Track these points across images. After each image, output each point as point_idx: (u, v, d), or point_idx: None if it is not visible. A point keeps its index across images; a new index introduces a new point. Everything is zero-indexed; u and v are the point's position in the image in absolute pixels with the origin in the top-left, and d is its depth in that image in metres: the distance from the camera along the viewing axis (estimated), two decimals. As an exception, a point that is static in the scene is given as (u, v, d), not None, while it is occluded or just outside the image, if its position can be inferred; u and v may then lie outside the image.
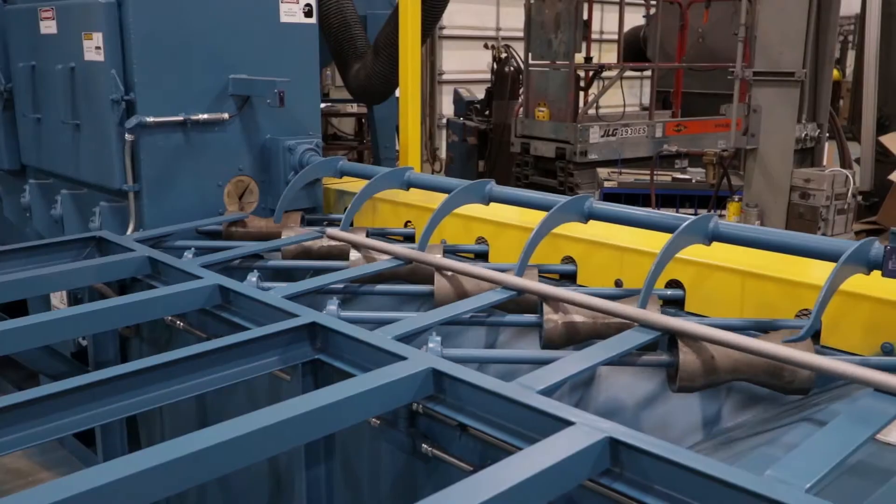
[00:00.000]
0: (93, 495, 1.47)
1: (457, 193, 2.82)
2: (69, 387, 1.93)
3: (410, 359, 1.96)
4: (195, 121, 3.44)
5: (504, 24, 15.87)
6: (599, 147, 9.30)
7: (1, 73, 4.15)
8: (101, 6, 3.26)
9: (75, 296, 3.59)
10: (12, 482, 4.45)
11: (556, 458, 1.50)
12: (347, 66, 5.51)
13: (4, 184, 4.52)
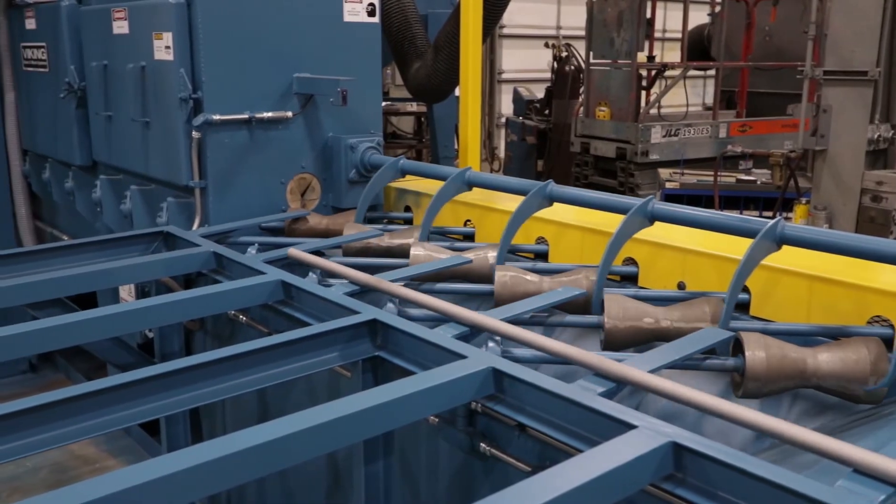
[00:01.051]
0: (158, 485, 1.50)
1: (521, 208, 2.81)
2: (136, 378, 1.98)
3: (471, 357, 1.96)
4: (260, 119, 3.50)
5: (565, 22, 15.74)
6: (661, 147, 9.17)
7: (75, 72, 4.28)
8: (171, 6, 3.34)
9: (143, 289, 3.68)
10: (80, 468, 4.59)
11: (618, 462, 1.48)
12: (407, 65, 5.53)
13: (77, 179, 4.66)
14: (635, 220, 2.51)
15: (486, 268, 2.81)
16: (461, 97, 4.52)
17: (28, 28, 4.85)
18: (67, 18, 4.29)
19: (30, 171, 5.41)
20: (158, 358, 3.42)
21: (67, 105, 4.40)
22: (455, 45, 4.59)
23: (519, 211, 2.83)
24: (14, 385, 5.63)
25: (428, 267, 2.78)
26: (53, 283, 2.79)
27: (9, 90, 5.31)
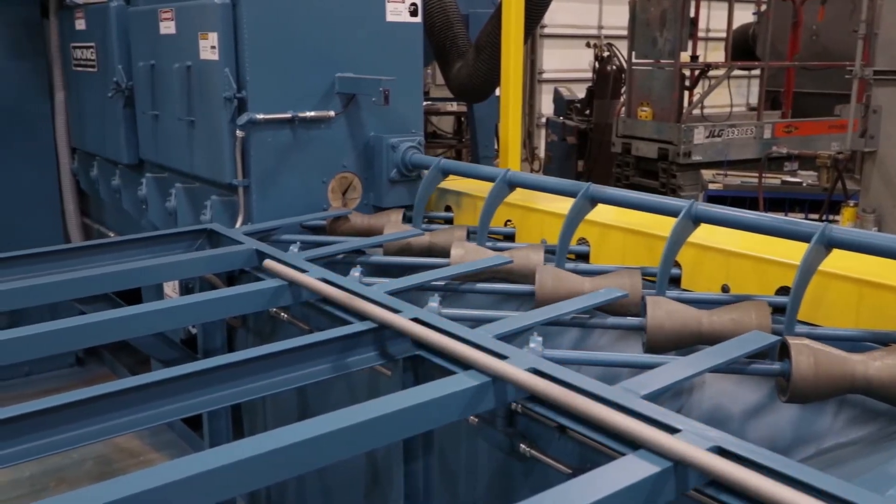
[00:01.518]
0: (200, 480, 1.52)
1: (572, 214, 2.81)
2: (179, 374, 2.01)
3: (512, 358, 1.95)
4: (302, 118, 3.53)
5: (606, 22, 15.64)
6: (704, 148, 9.05)
7: (123, 72, 4.36)
8: (217, 7, 3.38)
9: (186, 285, 3.73)
10: (125, 461, 4.67)
11: (661, 466, 1.46)
12: (449, 65, 5.53)
13: (124, 177, 4.74)
14: (681, 223, 2.48)
15: (528, 268, 2.79)
16: (502, 97, 4.52)
17: (78, 29, 4.95)
18: (116, 19, 4.36)
19: (78, 168, 5.52)
20: (201, 354, 3.47)
21: (115, 104, 4.48)
22: (496, 44, 4.58)
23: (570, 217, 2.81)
24: (61, 378, 5.75)
25: (469, 266, 2.78)
26: (100, 278, 2.84)
27: (59, 89, 5.42)
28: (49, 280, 2.77)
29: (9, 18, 5.34)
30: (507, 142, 4.49)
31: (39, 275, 2.92)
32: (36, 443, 1.83)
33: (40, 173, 5.59)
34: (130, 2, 4.35)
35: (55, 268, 3.03)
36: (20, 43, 5.40)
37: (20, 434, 1.80)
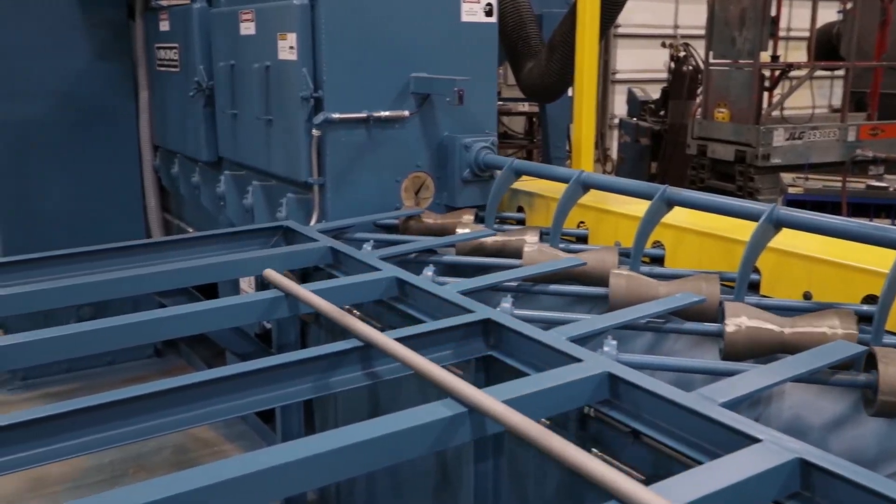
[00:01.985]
0: (272, 473, 1.54)
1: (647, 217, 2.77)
2: (253, 368, 2.04)
3: (586, 361, 1.93)
4: (377, 118, 3.56)
5: (683, 21, 15.36)
6: (784, 151, 8.80)
7: (204, 72, 4.47)
8: (296, 8, 3.44)
9: (261, 281, 3.80)
10: (199, 450, 4.80)
11: (740, 476, 1.42)
12: (521, 65, 5.51)
13: (203, 174, 4.87)
14: (762, 227, 2.41)
15: (602, 270, 2.76)
16: (575, 98, 4.47)
17: (162, 30, 5.10)
18: (198, 20, 4.48)
19: (160, 165, 5.69)
20: (275, 348, 3.53)
21: (196, 103, 4.60)
22: (570, 44, 4.54)
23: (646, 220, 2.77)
24: (140, 368, 5.93)
25: (542, 268, 2.76)
26: (180, 273, 2.91)
27: (143, 89, 5.60)
28: (131, 273, 2.85)
29: (97, 20, 5.54)
30: (580, 143, 4.45)
31: (122, 268, 3.01)
32: (117, 431, 1.88)
33: (124, 170, 5.79)
34: (213, 3, 4.46)
35: (137, 262, 3.12)
36: (108, 44, 5.60)
37: (103, 422, 1.86)
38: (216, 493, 1.48)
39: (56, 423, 1.81)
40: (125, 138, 5.76)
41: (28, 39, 5.36)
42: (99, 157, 5.70)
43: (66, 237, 5.47)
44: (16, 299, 2.62)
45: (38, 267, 2.91)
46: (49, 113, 5.52)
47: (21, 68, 5.38)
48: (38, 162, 5.54)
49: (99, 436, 1.86)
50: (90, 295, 2.82)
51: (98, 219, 5.73)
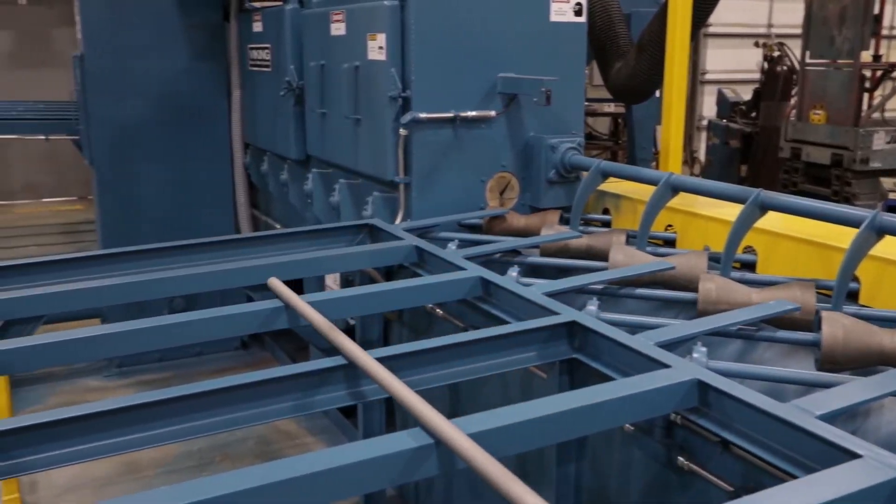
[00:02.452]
0: (354, 469, 1.56)
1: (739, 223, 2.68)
2: (337, 364, 2.06)
3: (674, 367, 1.89)
4: (464, 117, 3.56)
5: (777, 20, 14.88)
6: (884, 154, 8.43)
7: (295, 72, 4.57)
8: (386, 8, 3.48)
9: (347, 278, 3.86)
10: (282, 442, 4.90)
11: (838, 493, 1.37)
12: (609, 65, 5.44)
13: (291, 172, 4.97)
14: (863, 234, 2.32)
15: (690, 275, 2.70)
16: (665, 98, 4.39)
17: (255, 31, 5.23)
18: (290, 21, 4.58)
19: (250, 163, 5.84)
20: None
21: (286, 102, 4.70)
22: (660, 44, 4.46)
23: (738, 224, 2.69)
24: (227, 360, 6.11)
25: (629, 271, 2.72)
26: (268, 268, 2.97)
27: (235, 88, 5.76)
28: (221, 268, 2.93)
29: (194, 22, 5.73)
30: (668, 144, 4.36)
31: (213, 262, 3.09)
32: (205, 421, 1.92)
33: (216, 167, 5.97)
34: (304, 4, 4.54)
35: (227, 256, 3.19)
36: (204, 45, 5.79)
37: (192, 412, 1.90)
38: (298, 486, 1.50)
39: (149, 411, 1.86)
40: (218, 136, 5.94)
41: (131, 41, 5.59)
42: (193, 155, 5.89)
43: (160, 231, 5.70)
44: (113, 290, 2.72)
45: (134, 260, 3.01)
46: (148, 111, 5.74)
47: (124, 69, 5.61)
48: (137, 158, 5.76)
49: (188, 425, 1.90)
50: (182, 287, 2.91)
51: (190, 214, 5.93)
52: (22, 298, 2.53)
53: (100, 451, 1.83)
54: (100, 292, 2.70)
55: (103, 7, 5.52)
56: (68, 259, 2.92)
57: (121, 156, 5.73)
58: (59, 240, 9.35)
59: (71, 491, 4.36)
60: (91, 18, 5.53)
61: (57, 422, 1.76)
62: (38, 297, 2.57)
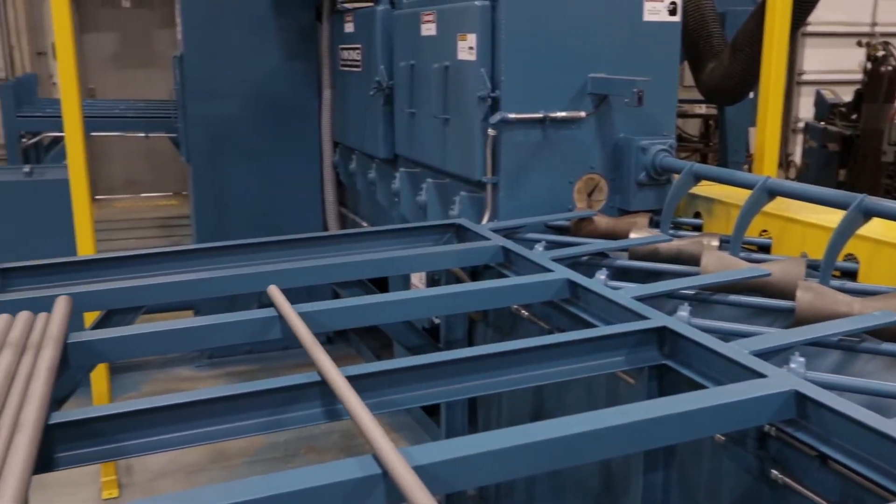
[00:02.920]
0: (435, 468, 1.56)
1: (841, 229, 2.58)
2: (421, 363, 2.07)
3: (770, 377, 1.83)
4: (553, 118, 3.53)
5: (882, 17, 14.26)
6: None
7: (385, 72, 4.61)
8: (477, 9, 3.48)
9: (432, 277, 3.88)
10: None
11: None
12: (701, 66, 5.32)
13: (379, 171, 5.03)
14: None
15: (787, 283, 2.61)
16: (760, 100, 4.26)
17: (346, 31, 5.32)
18: (381, 22, 4.63)
19: (339, 161, 5.93)
20: (443, 344, 3.59)
21: (375, 102, 4.75)
22: (756, 44, 4.33)
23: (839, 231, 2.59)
24: (312, 355, 6.21)
25: (722, 277, 2.64)
26: (356, 265, 3.01)
27: (326, 88, 5.87)
28: (309, 264, 2.97)
29: (287, 23, 5.87)
30: (764, 147, 4.23)
31: (301, 259, 3.14)
32: (290, 415, 1.95)
33: (306, 165, 6.10)
34: (395, 5, 4.59)
35: (315, 253, 3.24)
36: (296, 45, 5.92)
37: (278, 405, 1.94)
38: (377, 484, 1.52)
39: (237, 403, 1.90)
40: (308, 135, 6.06)
41: (228, 42, 5.76)
42: (283, 153, 6.03)
43: (251, 226, 5.86)
44: (205, 284, 2.80)
45: (227, 254, 3.09)
46: (241, 110, 5.90)
47: (221, 69, 5.79)
48: (230, 156, 5.94)
49: (274, 417, 1.94)
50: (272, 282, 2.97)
51: (280, 210, 6.07)
52: (123, 289, 2.63)
53: (191, 440, 1.88)
54: (194, 285, 2.79)
55: (202, 9, 5.70)
56: (165, 252, 3.02)
57: (215, 153, 5.91)
58: (155, 233, 9.71)
59: (164, 476, 4.52)
60: (191, 20, 5.72)
61: (152, 409, 1.82)
62: (138, 288, 2.67)
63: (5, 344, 2.01)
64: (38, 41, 11.46)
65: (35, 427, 1.61)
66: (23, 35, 11.17)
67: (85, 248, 4.08)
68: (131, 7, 11.71)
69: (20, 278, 2.70)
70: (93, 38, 11.42)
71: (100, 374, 4.22)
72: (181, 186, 11.84)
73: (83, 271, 2.84)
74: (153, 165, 12.06)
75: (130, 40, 11.76)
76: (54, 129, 8.06)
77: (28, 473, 1.46)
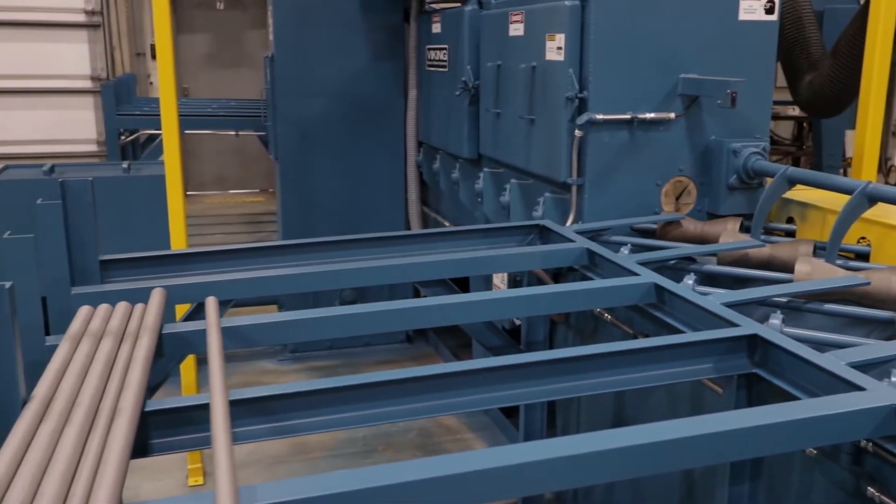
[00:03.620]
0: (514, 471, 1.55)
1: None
2: (501, 364, 2.06)
3: (869, 390, 1.75)
4: (641, 119, 3.47)
5: None
6: None
7: (471, 72, 4.62)
8: (566, 8, 3.44)
9: (514, 278, 3.86)
10: (442, 436, 4.98)
11: None
12: (798, 75, 5.10)
13: (462, 171, 5.04)
14: None
15: (887, 292, 2.49)
16: (861, 101, 4.10)
17: (433, 32, 5.34)
18: (469, 22, 4.64)
19: (422, 161, 5.97)
20: (524, 345, 3.57)
21: (461, 102, 4.76)
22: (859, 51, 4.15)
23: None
24: (392, 352, 6.28)
25: (816, 284, 2.55)
26: (438, 265, 3.02)
27: (412, 87, 5.91)
28: (392, 262, 2.99)
29: (376, 23, 5.94)
30: (863, 151, 4.07)
31: (384, 257, 3.17)
32: (370, 411, 1.96)
33: (390, 164, 6.17)
34: (483, 5, 4.58)
35: (398, 251, 3.26)
36: (384, 46, 5.99)
37: (359, 401, 1.95)
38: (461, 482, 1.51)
39: (319, 397, 1.92)
40: (393, 135, 6.12)
41: (317, 42, 5.87)
42: (369, 152, 6.11)
43: (335, 224, 5.96)
44: (290, 280, 2.85)
45: (311, 251, 3.13)
46: (328, 109, 6.00)
47: (310, 69, 5.91)
48: (317, 154, 6.04)
49: (354, 413, 1.96)
50: (354, 280, 3.01)
51: (363, 208, 6.15)
52: (214, 283, 2.70)
53: (274, 433, 1.91)
54: (280, 281, 2.84)
55: (294, 10, 5.82)
56: (253, 248, 3.09)
57: (302, 152, 6.03)
58: (243, 229, 9.96)
59: (247, 466, 4.63)
60: (282, 21, 5.85)
61: (238, 401, 1.86)
62: (228, 282, 2.74)
63: (105, 333, 2.09)
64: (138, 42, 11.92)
65: (133, 413, 1.67)
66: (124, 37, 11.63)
67: (178, 242, 4.21)
68: (224, 9, 12.06)
69: (118, 270, 2.80)
70: (187, 39, 11.80)
71: (189, 364, 4.35)
72: (268, 184, 12.13)
73: (176, 265, 2.93)
74: (241, 163, 12.39)
75: (223, 41, 12.11)
76: (150, 127, 8.37)
77: (126, 458, 1.52)
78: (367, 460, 4.67)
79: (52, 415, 1.61)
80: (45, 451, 1.47)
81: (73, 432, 1.55)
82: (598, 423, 3.46)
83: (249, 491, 1.41)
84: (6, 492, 1.34)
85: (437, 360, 6.12)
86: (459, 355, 5.88)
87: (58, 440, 1.53)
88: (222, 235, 9.51)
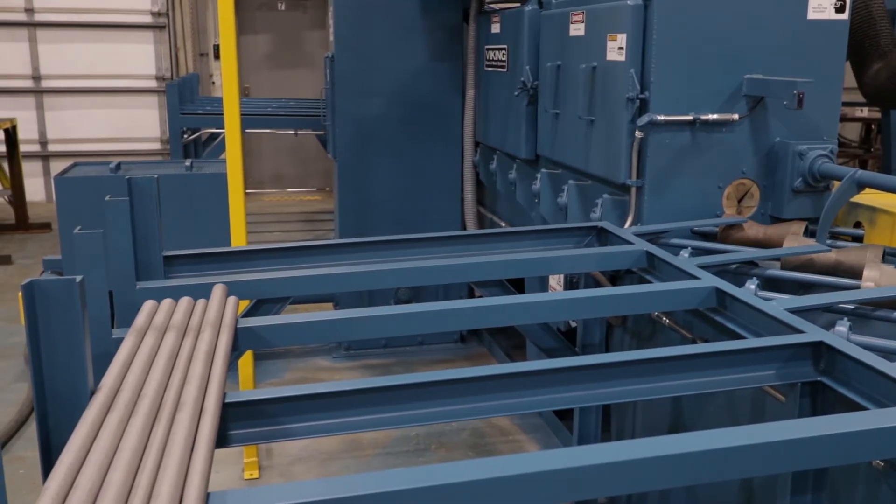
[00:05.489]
0: (567, 475, 1.53)
1: None
2: (556, 367, 2.03)
3: (942, 402, 1.69)
4: (704, 120, 3.41)
5: None
6: None
7: (530, 72, 4.60)
8: (629, 8, 3.40)
9: (571, 279, 3.83)
10: (495, 437, 4.97)
11: None
12: (866, 66, 4.99)
13: (520, 171, 5.02)
14: None
15: (961, 301, 2.40)
16: (934, 102, 3.96)
17: (492, 32, 5.33)
18: (529, 22, 4.61)
19: (479, 161, 5.96)
20: (579, 347, 3.54)
21: (519, 102, 4.74)
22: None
23: None
24: (445, 351, 6.29)
25: (886, 291, 2.47)
26: (495, 265, 3.01)
27: (470, 87, 5.91)
28: (448, 262, 2.99)
29: (435, 23, 5.96)
30: (937, 154, 3.93)
31: (439, 257, 3.17)
32: (423, 410, 1.96)
33: (447, 164, 6.18)
34: (543, 6, 4.56)
35: (454, 251, 3.26)
36: (443, 45, 6.00)
37: (412, 400, 1.95)
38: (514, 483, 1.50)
39: (373, 395, 1.93)
40: (450, 134, 6.13)
41: (377, 42, 5.92)
42: (426, 152, 6.13)
43: (391, 223, 5.99)
44: (346, 278, 2.87)
45: (368, 250, 3.15)
46: (387, 109, 6.04)
47: (369, 68, 5.95)
48: (374, 154, 6.09)
49: (407, 412, 1.95)
50: (410, 279, 3.02)
51: (420, 208, 6.17)
52: (273, 280, 2.74)
53: (328, 429, 1.92)
54: (337, 279, 2.87)
55: (353, 11, 5.88)
56: (310, 246, 3.12)
57: (360, 151, 6.07)
58: (300, 227, 10.10)
59: (300, 461, 4.68)
60: (343, 22, 5.90)
61: (294, 397, 1.87)
62: (286, 279, 2.77)
63: (169, 327, 2.13)
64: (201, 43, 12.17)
65: (217, 405, 1.71)
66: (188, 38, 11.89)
67: (238, 239, 4.28)
68: (285, 10, 12.23)
69: (181, 266, 2.86)
70: (249, 40, 12.01)
71: (246, 360, 4.42)
72: (325, 182, 12.27)
73: (236, 261, 2.98)
74: (299, 162, 12.56)
75: (283, 41, 12.29)
76: (212, 126, 8.55)
77: (212, 447, 1.57)
78: (419, 459, 4.68)
79: (118, 406, 1.65)
80: (112, 440, 1.51)
81: (138, 423, 1.59)
82: (654, 428, 3.41)
83: (300, 486, 1.42)
84: (76, 478, 1.37)
85: (491, 361, 6.11)
86: (513, 356, 5.86)
87: (124, 430, 1.56)
88: (280, 233, 9.65)
